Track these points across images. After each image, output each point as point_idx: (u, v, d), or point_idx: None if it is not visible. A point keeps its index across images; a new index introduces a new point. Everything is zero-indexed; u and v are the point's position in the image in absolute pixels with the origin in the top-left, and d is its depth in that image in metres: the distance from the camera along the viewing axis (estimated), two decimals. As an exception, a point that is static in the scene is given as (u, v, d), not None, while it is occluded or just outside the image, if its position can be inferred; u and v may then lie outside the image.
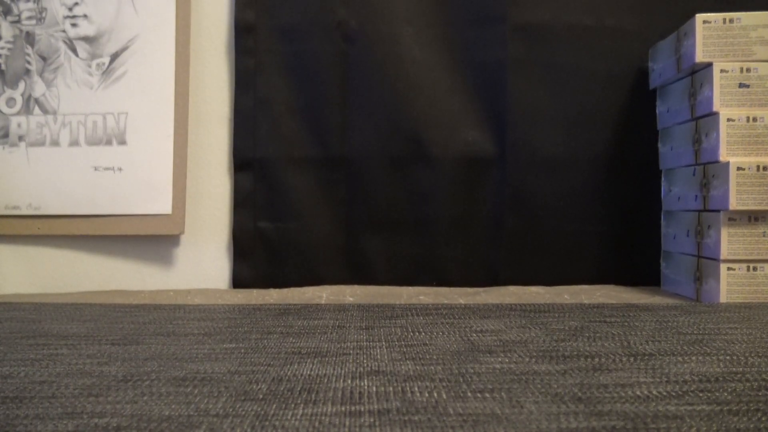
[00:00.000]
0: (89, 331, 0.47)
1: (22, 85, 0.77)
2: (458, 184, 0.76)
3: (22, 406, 0.29)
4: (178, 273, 0.77)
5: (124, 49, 0.77)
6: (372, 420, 0.27)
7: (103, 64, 0.77)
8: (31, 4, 0.77)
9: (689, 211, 0.65)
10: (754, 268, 0.59)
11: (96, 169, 0.76)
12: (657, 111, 0.74)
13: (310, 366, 0.36)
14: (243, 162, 0.77)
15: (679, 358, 0.38)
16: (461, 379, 0.33)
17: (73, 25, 0.77)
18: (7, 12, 0.78)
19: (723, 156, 0.59)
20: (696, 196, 0.63)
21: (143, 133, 0.76)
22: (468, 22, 0.76)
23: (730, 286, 0.60)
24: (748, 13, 0.60)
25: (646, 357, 0.38)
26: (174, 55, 0.76)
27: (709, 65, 0.60)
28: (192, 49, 0.78)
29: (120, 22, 0.77)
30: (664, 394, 0.31)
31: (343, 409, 0.28)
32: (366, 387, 0.32)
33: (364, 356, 0.38)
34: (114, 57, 0.77)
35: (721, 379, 0.33)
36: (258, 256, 0.76)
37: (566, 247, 0.75)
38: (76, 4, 0.77)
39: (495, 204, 0.76)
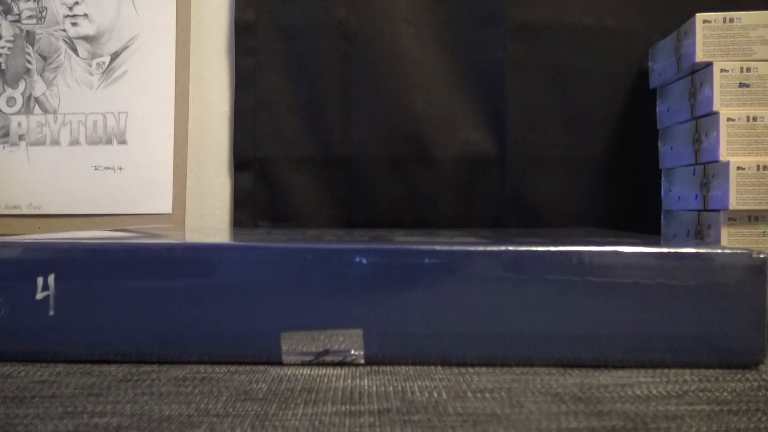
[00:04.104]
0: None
1: (22, 85, 0.77)
2: (458, 184, 0.76)
3: (22, 406, 0.29)
4: (178, 272, 0.77)
5: (124, 48, 0.77)
6: (372, 420, 0.27)
7: (104, 63, 0.77)
8: (31, 4, 0.77)
9: (689, 210, 0.65)
10: (754, 268, 0.59)
11: (96, 168, 0.76)
12: (657, 110, 0.74)
13: (310, 365, 0.36)
14: (243, 161, 0.77)
15: (679, 358, 0.37)
16: (461, 379, 0.33)
17: (74, 24, 0.77)
18: (8, 11, 0.78)
19: (723, 156, 0.59)
20: (696, 195, 0.63)
21: (143, 133, 0.76)
22: (468, 22, 0.76)
23: (730, 285, 0.59)
24: (748, 12, 0.60)
25: (646, 357, 0.38)
26: (174, 55, 0.76)
27: (709, 65, 0.60)
28: (192, 49, 0.78)
29: (120, 22, 0.77)
30: (664, 393, 0.31)
31: (343, 408, 0.28)
32: (366, 387, 0.32)
33: (364, 356, 0.38)
34: (114, 56, 0.77)
35: (721, 379, 0.33)
36: (258, 255, 0.76)
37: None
38: (77, 3, 0.77)
39: (495, 204, 0.76)
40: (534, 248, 0.36)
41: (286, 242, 0.37)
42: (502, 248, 0.36)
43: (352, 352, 0.35)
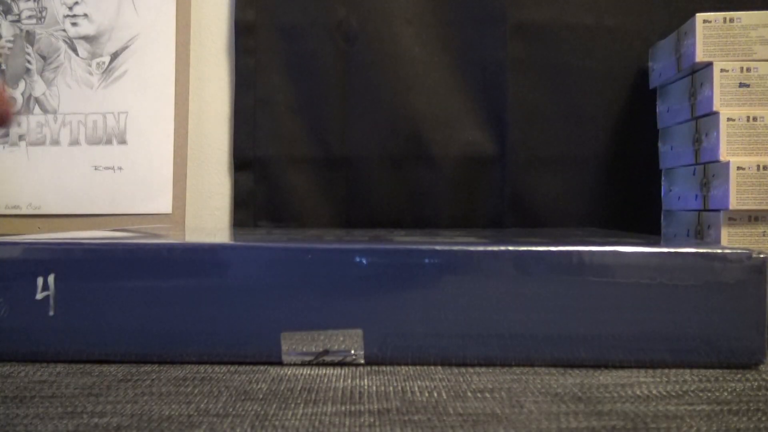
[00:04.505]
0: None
1: (22, 85, 0.77)
2: (458, 184, 0.76)
3: (22, 406, 0.29)
4: (178, 272, 0.77)
5: (124, 48, 0.77)
6: (372, 420, 0.27)
7: (104, 63, 0.77)
8: (31, 4, 0.77)
9: (689, 210, 0.65)
10: (754, 268, 0.59)
11: (96, 168, 0.76)
12: (657, 110, 0.74)
13: (310, 365, 0.36)
14: (243, 161, 0.77)
15: (679, 358, 0.37)
16: (461, 379, 0.33)
17: (74, 24, 0.77)
18: (8, 11, 0.78)
19: (723, 155, 0.59)
20: (696, 195, 0.63)
21: (143, 133, 0.76)
22: (468, 22, 0.76)
23: (730, 285, 0.59)
24: (748, 12, 0.60)
25: (646, 357, 0.38)
26: (174, 55, 0.76)
27: (709, 65, 0.60)
28: (192, 49, 0.78)
29: (120, 22, 0.77)
30: (664, 393, 0.31)
31: (343, 408, 0.28)
32: (366, 387, 0.32)
33: (364, 356, 0.38)
34: (114, 56, 0.77)
35: (721, 379, 0.33)
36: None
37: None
38: (77, 3, 0.77)
39: (495, 204, 0.76)
40: (534, 248, 0.36)
41: (286, 242, 0.37)
42: (502, 248, 0.36)
43: (352, 352, 0.35)
